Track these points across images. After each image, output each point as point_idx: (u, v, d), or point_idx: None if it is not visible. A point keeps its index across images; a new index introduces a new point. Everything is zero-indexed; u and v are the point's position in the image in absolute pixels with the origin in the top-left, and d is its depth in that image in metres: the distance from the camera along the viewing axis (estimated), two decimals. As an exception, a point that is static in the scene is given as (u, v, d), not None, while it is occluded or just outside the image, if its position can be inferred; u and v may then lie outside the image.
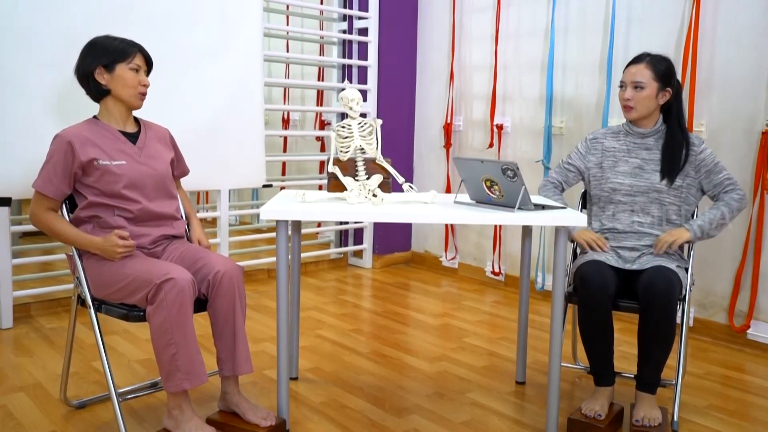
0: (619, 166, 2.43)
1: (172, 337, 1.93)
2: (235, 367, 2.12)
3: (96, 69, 2.10)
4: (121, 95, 2.13)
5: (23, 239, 4.85)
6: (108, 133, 2.14)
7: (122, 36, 2.18)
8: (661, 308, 2.12)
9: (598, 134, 2.54)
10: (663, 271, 2.19)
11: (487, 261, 4.32)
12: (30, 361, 2.74)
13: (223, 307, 2.08)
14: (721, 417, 2.38)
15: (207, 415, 2.19)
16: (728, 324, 3.18)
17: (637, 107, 2.36)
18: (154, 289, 1.92)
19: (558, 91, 3.83)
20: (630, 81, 2.36)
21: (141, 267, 2.00)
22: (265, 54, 3.86)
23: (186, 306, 1.94)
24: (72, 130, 2.10)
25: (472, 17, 4.29)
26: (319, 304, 3.73)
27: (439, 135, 4.56)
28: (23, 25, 2.90)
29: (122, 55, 2.11)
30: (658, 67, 2.36)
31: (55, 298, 3.43)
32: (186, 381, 1.96)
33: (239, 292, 2.11)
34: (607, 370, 2.25)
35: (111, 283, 2.04)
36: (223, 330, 2.10)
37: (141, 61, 2.15)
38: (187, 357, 1.95)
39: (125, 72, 2.11)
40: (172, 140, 2.35)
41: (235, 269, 2.11)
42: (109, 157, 2.10)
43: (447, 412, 2.37)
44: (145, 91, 2.17)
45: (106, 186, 2.09)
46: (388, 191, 2.30)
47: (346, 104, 2.21)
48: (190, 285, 1.96)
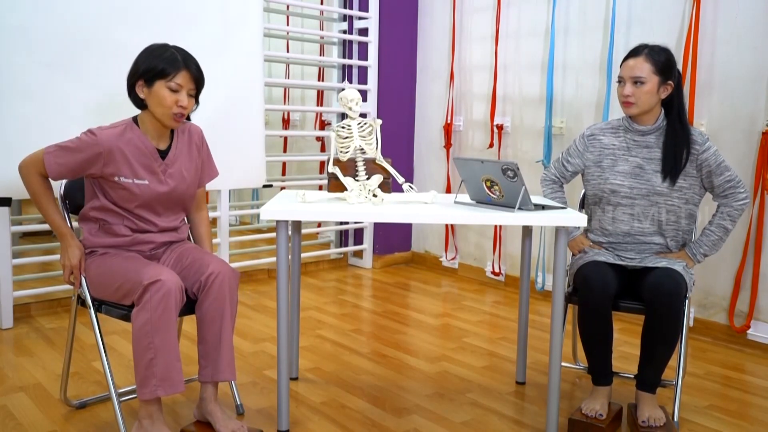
0: (619, 166, 2.34)
1: (151, 341, 1.89)
2: (215, 372, 2.06)
3: (137, 82, 2.04)
4: (156, 113, 2.04)
5: (23, 239, 4.85)
6: (141, 145, 2.07)
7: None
8: (669, 309, 2.11)
9: (596, 130, 2.44)
10: (670, 272, 2.17)
11: (488, 261, 4.32)
12: (30, 361, 2.74)
13: (212, 308, 2.04)
14: (721, 417, 2.38)
15: (183, 424, 2.17)
16: (728, 324, 3.17)
17: (637, 103, 2.25)
18: (141, 290, 1.90)
19: (558, 91, 3.83)
20: (629, 76, 2.24)
21: (134, 268, 1.98)
22: (265, 54, 3.86)
23: (170, 309, 1.90)
24: (109, 137, 2.02)
25: (473, 17, 4.29)
26: (320, 304, 3.73)
27: (439, 135, 4.56)
28: (25, 24, 2.90)
29: (163, 72, 2.00)
30: (658, 59, 2.24)
31: (56, 298, 3.43)
32: (160, 388, 1.91)
33: (231, 297, 2.06)
34: (606, 370, 2.25)
35: (108, 284, 2.03)
36: (209, 332, 2.05)
37: (185, 80, 2.02)
38: (164, 363, 1.90)
39: (162, 90, 2.01)
40: (203, 141, 2.25)
41: (230, 273, 2.07)
42: (134, 174, 2.05)
43: (447, 412, 2.37)
44: (182, 111, 2.04)
45: (120, 200, 2.07)
46: (388, 191, 2.30)
47: (345, 104, 2.22)
48: (178, 289, 1.93)
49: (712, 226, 2.35)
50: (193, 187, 2.21)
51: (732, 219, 2.33)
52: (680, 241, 2.38)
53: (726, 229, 2.34)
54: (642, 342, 2.20)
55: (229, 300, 2.06)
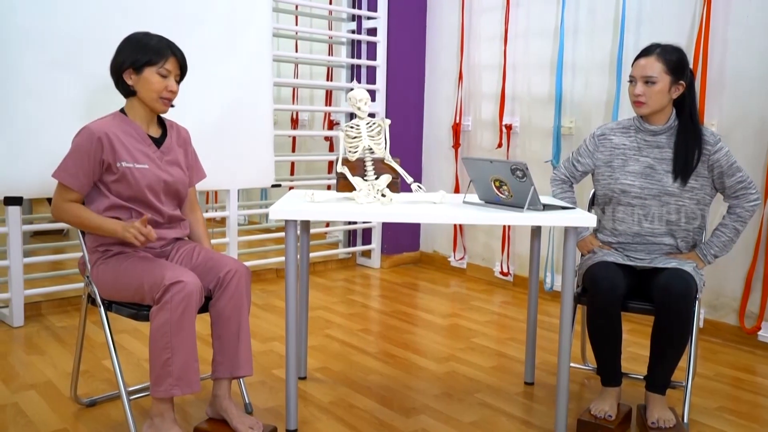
0: (629, 166, 2.33)
1: (169, 341, 1.90)
2: (234, 368, 2.08)
3: (126, 70, 2.07)
4: (145, 99, 2.09)
5: (34, 238, 4.89)
6: (135, 132, 2.11)
7: None
8: (679, 311, 2.09)
9: (606, 129, 2.42)
10: (681, 273, 2.16)
11: (496, 261, 4.31)
12: (41, 359, 2.76)
13: (230, 305, 2.06)
14: (731, 419, 2.37)
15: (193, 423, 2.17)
16: (739, 325, 3.15)
17: (648, 102, 2.23)
18: (162, 290, 1.91)
19: (567, 91, 3.81)
20: (640, 75, 2.23)
21: (152, 269, 1.99)
22: (274, 54, 3.87)
23: (190, 311, 1.93)
24: (101, 125, 2.05)
25: (481, 17, 4.28)
26: (328, 303, 3.73)
27: (447, 135, 4.56)
28: (32, 25, 2.91)
29: (153, 58, 2.06)
30: (670, 58, 2.22)
31: (66, 296, 3.45)
32: (177, 387, 1.92)
33: (247, 294, 2.11)
34: (614, 371, 2.24)
35: (125, 287, 2.03)
36: (226, 329, 2.07)
37: (173, 66, 2.10)
38: (182, 363, 1.92)
39: (152, 76, 2.06)
40: (190, 142, 2.30)
41: (245, 271, 2.11)
42: (134, 159, 2.08)
43: (455, 412, 2.37)
44: (171, 97, 2.12)
45: (125, 189, 2.07)
46: (396, 191, 2.30)
47: (354, 104, 2.22)
48: (198, 291, 1.95)
49: (723, 227, 2.34)
50: (187, 178, 2.24)
51: (743, 220, 2.31)
52: (690, 241, 2.36)
53: (737, 230, 2.32)
54: (651, 343, 2.19)
55: (246, 297, 2.10)
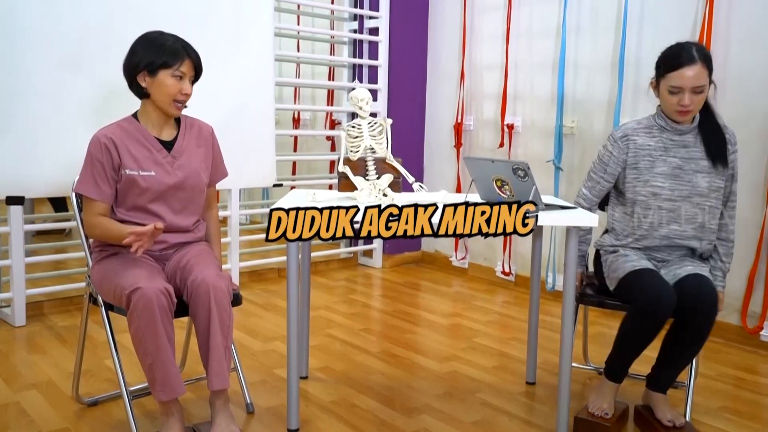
0: (657, 167, 2.22)
1: (146, 348, 1.88)
2: (209, 380, 2.00)
3: (140, 72, 2.04)
4: (158, 102, 2.06)
5: (36, 238, 4.89)
6: (143, 138, 2.08)
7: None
8: (706, 319, 2.06)
9: (628, 131, 2.28)
10: (707, 281, 2.12)
11: (498, 261, 4.30)
12: (43, 358, 2.76)
13: (199, 315, 1.98)
14: (733, 419, 2.37)
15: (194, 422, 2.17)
16: (741, 325, 3.15)
17: (694, 110, 2.17)
18: (125, 299, 1.88)
19: (569, 90, 3.81)
20: (690, 87, 2.10)
21: (123, 274, 1.95)
22: (276, 54, 3.87)
23: (154, 317, 1.86)
24: (106, 132, 2.05)
25: (483, 16, 4.28)
26: (329, 303, 3.73)
27: (449, 135, 4.56)
28: (37, 25, 2.92)
29: (168, 60, 2.03)
30: (711, 63, 2.14)
31: (68, 296, 3.45)
32: (162, 393, 1.92)
33: (218, 306, 1.95)
34: (625, 369, 2.22)
35: (108, 290, 2.01)
36: (199, 339, 2.01)
37: (187, 68, 2.06)
38: (161, 369, 1.90)
39: (167, 79, 2.03)
40: (213, 140, 2.26)
41: (216, 282, 1.97)
42: (139, 166, 2.04)
43: (457, 412, 2.37)
44: (185, 99, 2.09)
45: (130, 199, 2.06)
46: (398, 191, 2.30)
47: (355, 104, 2.22)
48: (160, 294, 1.87)
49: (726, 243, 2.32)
50: (203, 181, 2.20)
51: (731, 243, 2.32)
52: (710, 245, 2.30)
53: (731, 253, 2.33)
54: (665, 345, 2.17)
55: (217, 309, 1.95)
